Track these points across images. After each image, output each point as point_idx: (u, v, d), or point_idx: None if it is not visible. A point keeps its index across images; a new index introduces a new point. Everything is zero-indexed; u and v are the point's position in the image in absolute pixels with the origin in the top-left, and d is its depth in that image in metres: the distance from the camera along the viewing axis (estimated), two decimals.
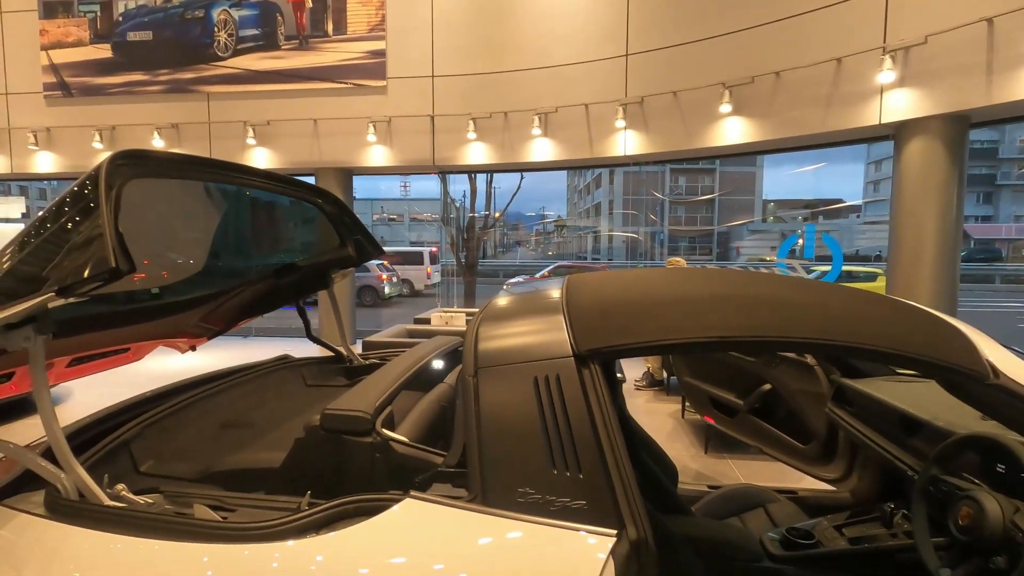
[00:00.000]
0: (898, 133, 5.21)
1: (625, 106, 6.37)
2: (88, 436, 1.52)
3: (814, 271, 8.00)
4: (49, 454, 1.20)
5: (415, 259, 17.35)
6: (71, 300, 1.04)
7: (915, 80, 4.88)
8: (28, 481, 1.31)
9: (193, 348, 2.31)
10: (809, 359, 2.37)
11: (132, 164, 1.22)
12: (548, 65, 6.78)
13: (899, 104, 4.99)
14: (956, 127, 4.91)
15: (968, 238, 27.75)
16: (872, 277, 12.83)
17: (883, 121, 5.09)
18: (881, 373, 2.16)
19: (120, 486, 1.19)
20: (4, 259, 1.23)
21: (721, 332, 1.10)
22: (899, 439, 1.73)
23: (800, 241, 7.93)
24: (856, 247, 23.34)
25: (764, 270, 8.06)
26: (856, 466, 2.24)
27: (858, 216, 30.55)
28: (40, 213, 1.25)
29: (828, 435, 2.32)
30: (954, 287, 5.15)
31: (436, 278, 16.66)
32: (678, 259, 6.35)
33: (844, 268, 8.88)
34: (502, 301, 1.44)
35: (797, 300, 1.24)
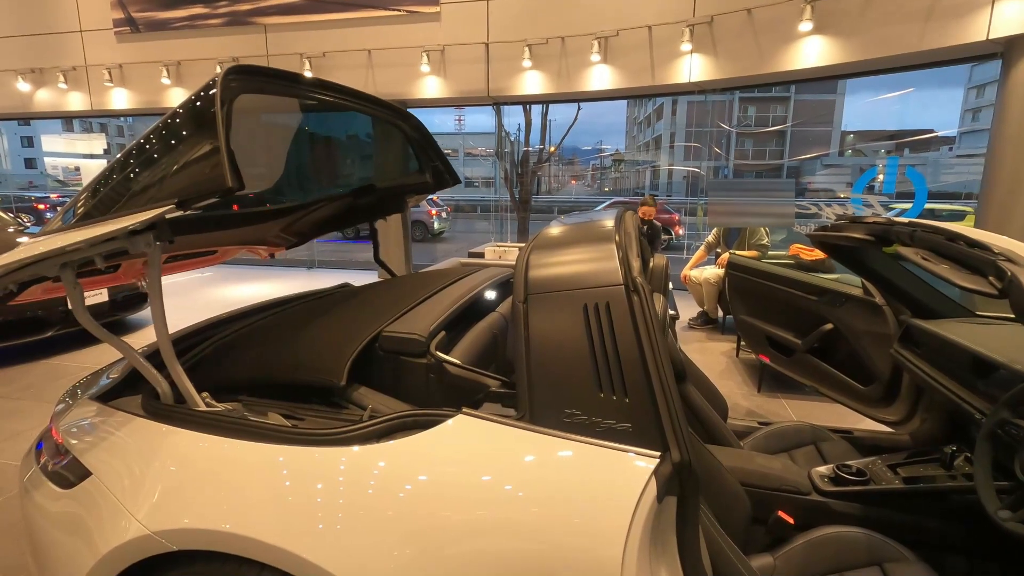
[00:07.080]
0: (1007, 50, 4.61)
1: (692, 27, 5.89)
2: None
3: (893, 208, 7.39)
4: (150, 359, 1.33)
5: None
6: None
7: None
8: (126, 387, 1.47)
9: (272, 256, 2.44)
10: (878, 298, 2.26)
11: (242, 80, 1.26)
12: None
13: (1014, 15, 4.37)
14: None
15: None
16: (959, 216, 11.71)
17: (991, 36, 4.49)
18: (956, 314, 2.04)
19: (205, 394, 1.32)
20: (115, 175, 1.31)
21: None
22: (969, 381, 1.65)
23: (880, 176, 7.30)
24: (946, 183, 21.24)
25: (837, 207, 7.52)
26: (919, 409, 2.17)
27: (951, 148, 27.61)
28: (146, 131, 1.28)
29: (891, 377, 2.24)
30: None
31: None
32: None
33: (927, 206, 8.14)
34: (553, 231, 1.44)
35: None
